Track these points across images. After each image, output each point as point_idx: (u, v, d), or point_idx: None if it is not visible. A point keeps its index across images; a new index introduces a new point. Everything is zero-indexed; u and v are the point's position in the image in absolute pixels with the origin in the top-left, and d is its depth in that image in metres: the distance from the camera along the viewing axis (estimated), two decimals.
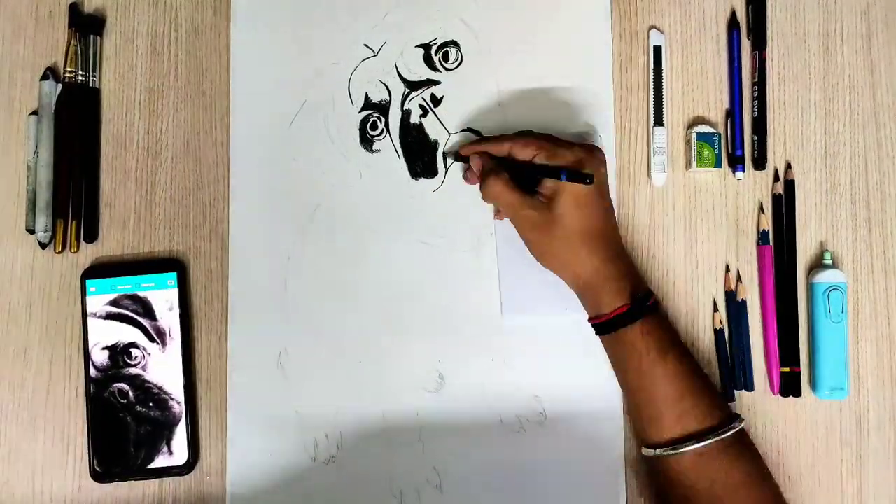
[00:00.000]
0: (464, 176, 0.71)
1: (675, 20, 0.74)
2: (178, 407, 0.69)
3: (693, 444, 0.62)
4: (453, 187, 0.72)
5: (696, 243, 0.72)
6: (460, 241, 0.72)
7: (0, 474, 0.70)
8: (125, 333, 0.69)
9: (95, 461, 0.69)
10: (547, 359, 0.70)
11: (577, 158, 0.64)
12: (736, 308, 0.71)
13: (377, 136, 0.73)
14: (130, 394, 0.69)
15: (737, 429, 0.63)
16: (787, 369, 0.70)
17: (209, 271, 0.72)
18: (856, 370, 0.71)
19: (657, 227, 0.72)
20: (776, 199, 0.72)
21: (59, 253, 0.71)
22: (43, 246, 0.71)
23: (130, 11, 0.74)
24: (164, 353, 0.69)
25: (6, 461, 0.70)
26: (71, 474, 0.70)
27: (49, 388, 0.70)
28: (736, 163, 0.72)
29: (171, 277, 0.70)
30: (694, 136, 0.71)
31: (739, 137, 0.72)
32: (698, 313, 0.71)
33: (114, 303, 0.70)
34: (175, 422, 0.69)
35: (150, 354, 0.69)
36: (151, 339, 0.70)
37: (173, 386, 0.69)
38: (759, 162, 0.72)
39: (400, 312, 0.71)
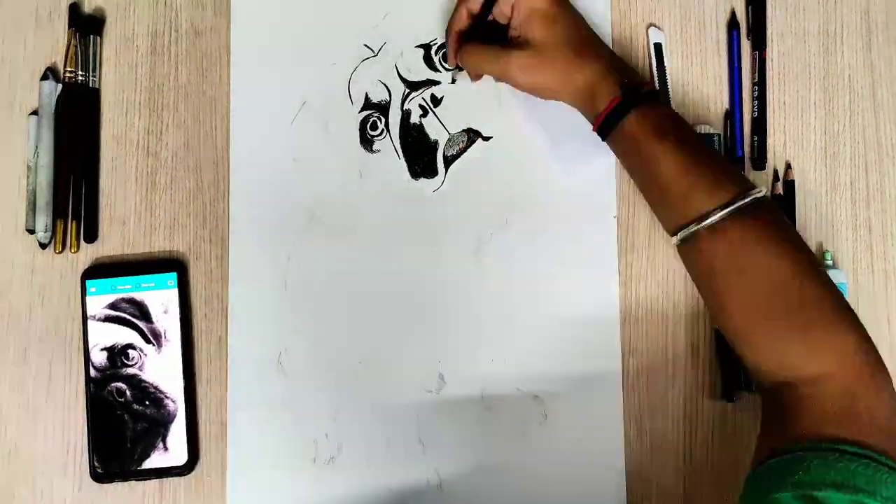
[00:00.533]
0: (453, 78, 0.73)
1: (674, 21, 0.74)
2: (178, 407, 0.69)
3: (704, 220, 0.60)
4: (453, 187, 0.72)
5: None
6: (460, 241, 0.72)
7: (0, 474, 0.70)
8: (123, 335, 0.69)
9: (95, 461, 0.69)
10: (547, 360, 0.70)
11: None
12: None
13: (377, 136, 0.73)
14: (128, 393, 0.69)
15: (748, 199, 0.60)
16: None
17: (209, 271, 0.72)
18: None
19: (657, 227, 0.72)
20: (776, 199, 0.72)
21: (59, 253, 0.71)
22: (43, 246, 0.71)
23: (130, 12, 0.74)
24: (163, 353, 0.69)
25: (6, 461, 0.70)
26: (71, 474, 0.70)
27: (49, 388, 0.70)
28: (736, 164, 0.72)
29: (171, 278, 0.70)
30: None
31: (739, 138, 0.72)
32: (699, 315, 0.71)
33: (112, 305, 0.70)
34: (174, 421, 0.69)
35: (146, 355, 0.69)
36: (148, 341, 0.69)
37: (172, 386, 0.69)
38: (759, 162, 0.72)
39: (400, 313, 0.71)
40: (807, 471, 0.54)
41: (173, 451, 0.69)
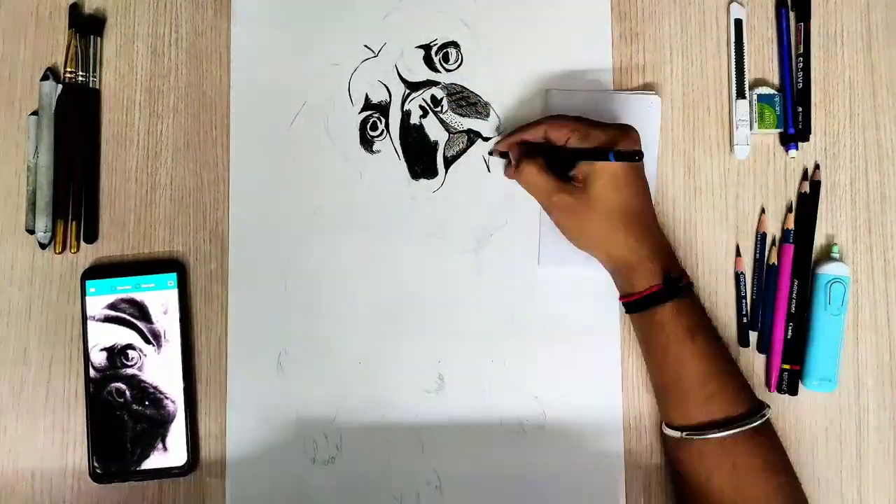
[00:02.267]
0: (504, 172, 0.72)
1: (674, 20, 0.74)
2: (177, 407, 0.69)
3: (718, 431, 0.62)
4: (453, 188, 0.72)
5: (696, 244, 0.72)
6: (460, 241, 0.72)
7: (0, 474, 0.70)
8: (123, 335, 0.69)
9: (95, 462, 0.69)
10: (547, 360, 0.70)
11: (612, 137, 0.64)
12: (764, 266, 0.71)
13: (377, 136, 0.73)
14: (128, 393, 0.69)
15: (764, 418, 0.63)
16: (787, 366, 0.70)
17: (209, 272, 0.72)
18: (856, 370, 0.71)
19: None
20: (801, 197, 0.72)
21: (59, 253, 0.71)
22: (43, 246, 0.71)
23: (130, 12, 0.74)
24: (163, 353, 0.69)
25: (6, 461, 0.70)
26: (71, 475, 0.70)
27: (49, 388, 0.70)
28: (788, 141, 0.72)
29: (171, 278, 0.70)
30: (755, 97, 0.71)
31: (791, 114, 0.72)
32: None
33: (112, 305, 0.70)
34: (173, 422, 0.69)
35: (146, 356, 0.69)
36: (148, 341, 0.69)
37: (171, 386, 0.69)
38: (804, 133, 0.72)
39: (400, 313, 0.71)
40: None
41: (173, 451, 0.69)
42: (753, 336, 0.71)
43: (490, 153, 0.72)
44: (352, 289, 0.71)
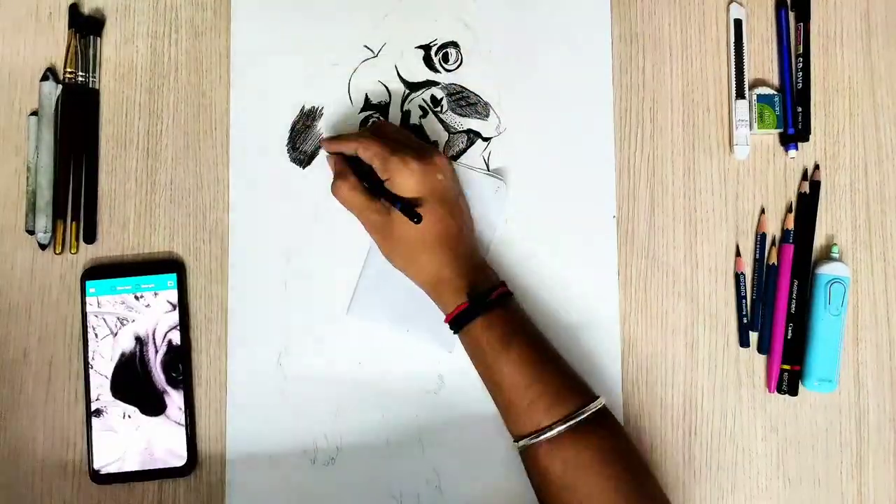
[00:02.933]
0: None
1: (674, 21, 0.74)
2: (178, 408, 0.69)
3: (543, 433, 0.61)
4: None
5: (696, 244, 0.72)
6: None
7: (0, 474, 0.70)
8: (124, 335, 0.69)
9: (95, 462, 0.69)
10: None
11: (413, 175, 0.64)
12: (764, 266, 0.71)
13: None
14: (139, 375, 0.69)
15: (587, 413, 0.62)
16: (787, 367, 0.70)
17: (209, 272, 0.72)
18: (856, 371, 0.71)
19: (657, 227, 0.72)
20: (801, 197, 0.72)
21: (59, 254, 0.71)
22: (42, 247, 0.71)
23: (130, 12, 0.74)
24: (163, 353, 0.69)
25: (6, 461, 0.70)
26: (70, 475, 0.70)
27: (49, 388, 0.70)
28: (788, 141, 0.72)
29: (171, 278, 0.70)
30: (755, 97, 0.71)
31: (791, 114, 0.72)
32: (698, 316, 0.71)
33: (114, 306, 0.70)
34: (173, 422, 0.69)
35: (147, 356, 0.69)
36: (149, 341, 0.70)
37: (171, 387, 0.69)
38: (804, 133, 0.72)
39: (399, 314, 0.71)
40: None
41: (173, 451, 0.69)
42: (753, 336, 0.71)
43: (321, 142, 0.72)
44: (351, 289, 0.71)
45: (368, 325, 0.71)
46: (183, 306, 0.70)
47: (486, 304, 0.64)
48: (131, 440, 0.69)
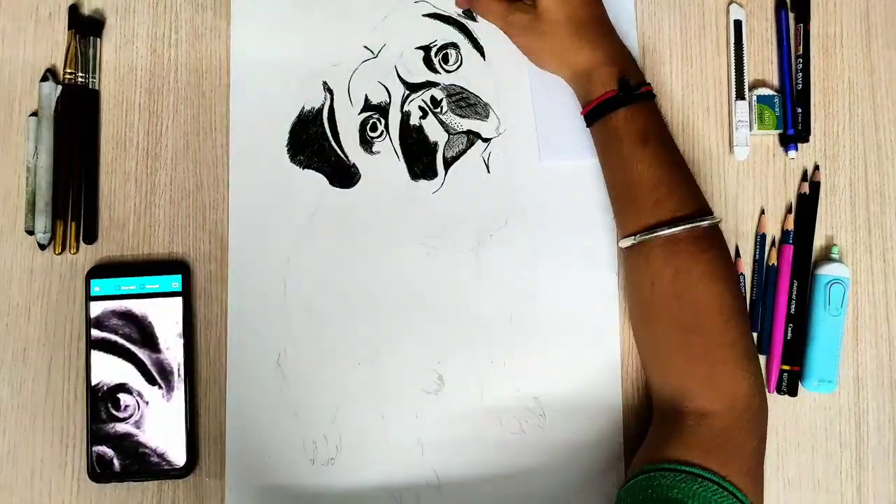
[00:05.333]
0: (456, 2, 0.73)
1: (674, 21, 0.74)
2: (178, 408, 0.69)
3: (664, 229, 0.62)
4: (453, 189, 0.72)
5: None
6: (460, 242, 0.72)
7: (0, 474, 0.70)
8: (128, 335, 0.70)
9: (94, 462, 0.69)
10: (547, 361, 0.70)
11: None
12: (764, 267, 0.71)
13: (377, 137, 0.73)
14: (140, 373, 0.69)
15: (707, 222, 0.63)
16: (787, 367, 0.70)
17: (209, 273, 0.72)
18: (855, 371, 0.71)
19: None
20: (801, 198, 0.72)
21: (59, 254, 0.71)
22: (42, 247, 0.71)
23: (130, 13, 0.74)
24: (165, 352, 0.69)
25: (6, 461, 0.70)
26: (70, 475, 0.70)
27: (49, 388, 0.70)
28: (788, 142, 0.72)
29: (176, 279, 0.70)
30: (754, 98, 0.71)
31: (791, 116, 0.72)
32: None
33: (118, 306, 0.70)
34: (173, 422, 0.69)
35: (149, 354, 0.69)
36: (153, 341, 0.70)
37: (172, 387, 0.69)
38: (804, 134, 0.72)
39: (399, 314, 0.71)
40: (655, 489, 0.59)
41: (173, 451, 0.69)
42: (753, 337, 0.71)
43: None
44: (351, 289, 0.71)
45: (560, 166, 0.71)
46: (187, 307, 0.70)
47: (634, 94, 0.64)
48: (131, 440, 0.69)
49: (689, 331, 0.62)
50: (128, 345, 0.69)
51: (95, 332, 0.69)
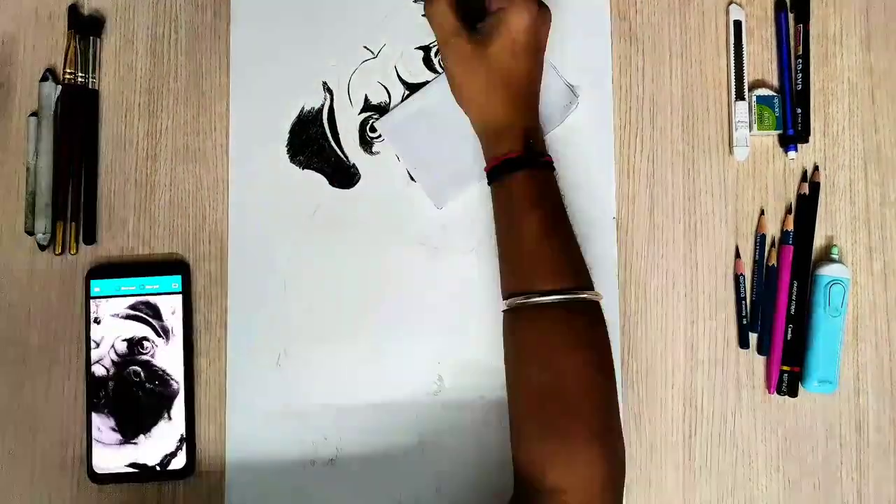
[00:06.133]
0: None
1: (674, 22, 0.74)
2: (178, 408, 0.69)
3: (536, 296, 0.61)
4: None
5: (696, 244, 0.72)
6: (459, 242, 0.72)
7: (0, 474, 0.70)
8: (128, 335, 0.70)
9: (94, 462, 0.69)
10: None
11: (528, 11, 0.64)
12: (764, 267, 0.71)
13: (377, 137, 0.73)
14: (142, 373, 0.70)
15: (583, 296, 0.61)
16: (787, 368, 0.70)
17: (208, 273, 0.72)
18: (855, 372, 0.71)
19: (657, 228, 0.72)
20: (801, 198, 0.72)
21: (59, 255, 0.71)
22: (42, 248, 0.71)
23: (130, 13, 0.74)
24: (168, 351, 0.69)
25: (6, 461, 0.70)
26: (70, 475, 0.70)
27: (49, 388, 0.70)
28: (788, 142, 0.72)
29: (176, 280, 0.70)
30: (754, 98, 0.71)
31: (790, 116, 0.72)
32: (697, 316, 0.71)
33: (117, 305, 0.70)
34: (173, 423, 0.69)
35: (156, 347, 0.69)
36: (153, 341, 0.70)
37: (172, 387, 0.69)
38: (803, 135, 0.72)
39: (399, 314, 0.71)
40: None
41: (173, 452, 0.69)
42: (753, 338, 0.71)
43: None
44: (351, 289, 0.71)
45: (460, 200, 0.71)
46: (187, 308, 0.70)
47: (538, 160, 0.64)
48: (131, 441, 0.69)
49: (545, 398, 0.60)
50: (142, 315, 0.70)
51: (98, 328, 0.69)
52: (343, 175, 0.72)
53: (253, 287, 0.71)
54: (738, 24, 0.73)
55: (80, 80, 0.72)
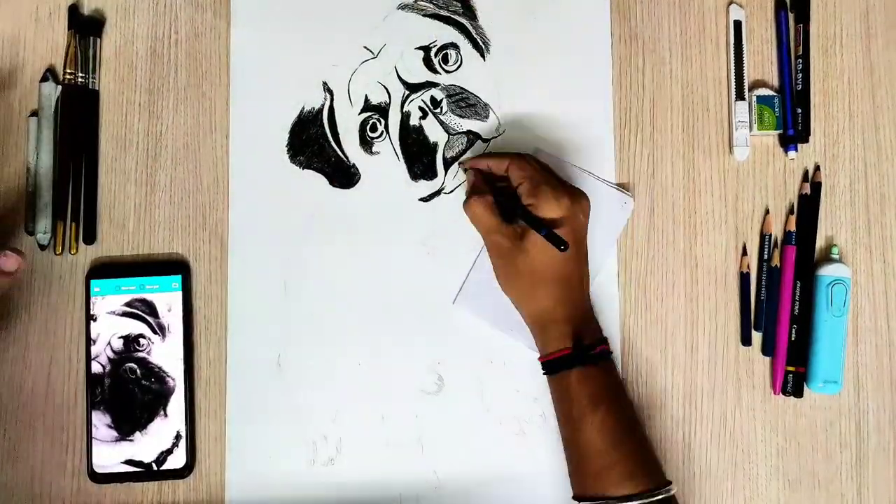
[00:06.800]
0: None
1: (674, 22, 0.74)
2: (178, 408, 0.69)
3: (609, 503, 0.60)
4: (453, 189, 0.72)
5: (696, 244, 0.72)
6: (460, 242, 0.72)
7: (0, 474, 0.70)
8: (128, 335, 0.70)
9: (94, 462, 0.69)
10: None
11: (560, 208, 0.63)
12: (765, 268, 0.71)
13: (377, 138, 0.73)
14: (138, 370, 0.69)
15: (659, 497, 0.60)
16: (792, 368, 0.70)
17: (208, 273, 0.72)
18: (855, 372, 0.71)
19: (657, 229, 0.72)
20: (802, 199, 0.72)
21: (59, 254, 0.71)
22: (42, 247, 0.71)
23: (130, 13, 0.74)
24: (164, 349, 0.69)
25: (6, 461, 0.70)
26: (70, 475, 0.70)
27: (49, 388, 0.70)
28: (788, 142, 0.72)
29: (176, 280, 0.70)
30: (754, 98, 0.71)
31: (790, 117, 0.72)
32: (697, 316, 0.71)
33: (117, 304, 0.70)
34: (173, 423, 0.69)
35: (153, 344, 0.69)
36: (153, 341, 0.70)
37: (172, 386, 0.69)
38: (804, 135, 0.72)
39: (399, 314, 0.71)
40: None
41: (173, 451, 0.69)
42: (757, 337, 0.71)
43: (449, 160, 0.72)
44: (351, 289, 0.71)
45: (470, 318, 0.70)
46: (187, 307, 0.70)
47: (587, 357, 0.63)
48: (131, 440, 0.69)
49: None
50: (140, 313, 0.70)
51: (98, 328, 0.69)
52: (343, 175, 0.72)
53: (253, 287, 0.71)
54: (738, 24, 0.73)
55: (80, 80, 0.72)
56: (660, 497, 0.61)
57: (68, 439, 0.70)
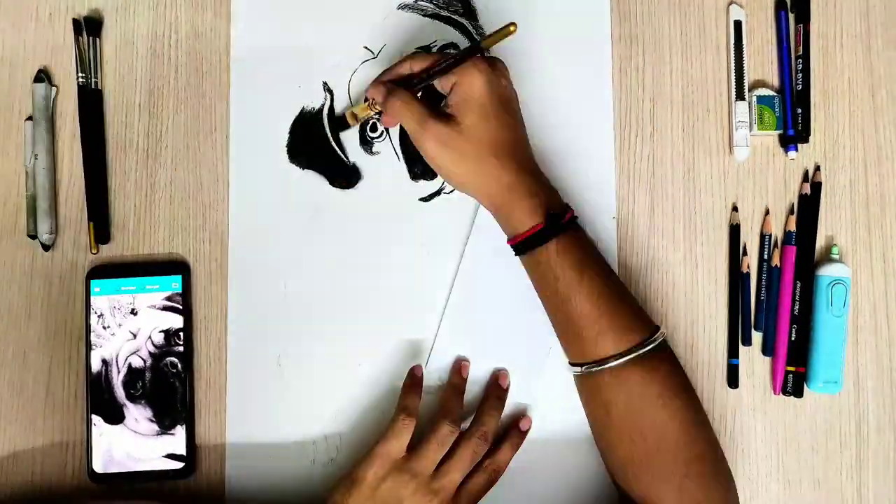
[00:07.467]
0: (382, 122, 0.71)
1: (674, 22, 0.74)
2: (179, 408, 0.69)
3: (609, 362, 0.61)
4: (453, 189, 0.72)
5: (696, 244, 0.72)
6: (460, 242, 0.72)
7: (0, 474, 0.70)
8: (128, 335, 0.70)
9: (94, 462, 0.69)
10: (547, 361, 0.70)
11: (479, 72, 0.62)
12: (765, 268, 0.71)
13: (377, 138, 0.73)
14: (180, 365, 0.70)
15: (652, 345, 0.61)
16: (792, 368, 0.70)
17: (209, 273, 0.72)
18: (855, 371, 0.71)
19: (657, 228, 0.72)
20: (802, 199, 0.72)
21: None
22: (46, 248, 0.71)
23: (130, 13, 0.74)
24: (165, 354, 0.70)
25: (6, 461, 0.70)
26: (70, 475, 0.70)
27: (49, 388, 0.71)
28: (788, 142, 0.72)
29: (177, 280, 0.70)
30: (754, 99, 0.71)
31: (791, 116, 0.72)
32: (697, 316, 0.71)
33: (118, 304, 0.70)
34: (174, 423, 0.69)
35: (150, 356, 0.69)
36: (153, 341, 0.70)
37: (172, 387, 0.70)
38: (804, 135, 0.72)
39: (399, 314, 0.71)
40: None
41: (173, 451, 0.69)
42: (757, 338, 0.71)
43: (365, 100, 0.69)
44: (352, 289, 0.71)
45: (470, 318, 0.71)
46: (187, 308, 0.70)
47: (561, 225, 0.62)
48: (130, 440, 0.69)
49: (655, 452, 0.61)
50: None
51: (98, 329, 0.69)
52: (343, 175, 0.73)
53: (253, 287, 0.71)
54: (738, 24, 0.73)
55: (81, 80, 0.72)
56: (655, 344, 0.62)
57: (68, 439, 0.70)
